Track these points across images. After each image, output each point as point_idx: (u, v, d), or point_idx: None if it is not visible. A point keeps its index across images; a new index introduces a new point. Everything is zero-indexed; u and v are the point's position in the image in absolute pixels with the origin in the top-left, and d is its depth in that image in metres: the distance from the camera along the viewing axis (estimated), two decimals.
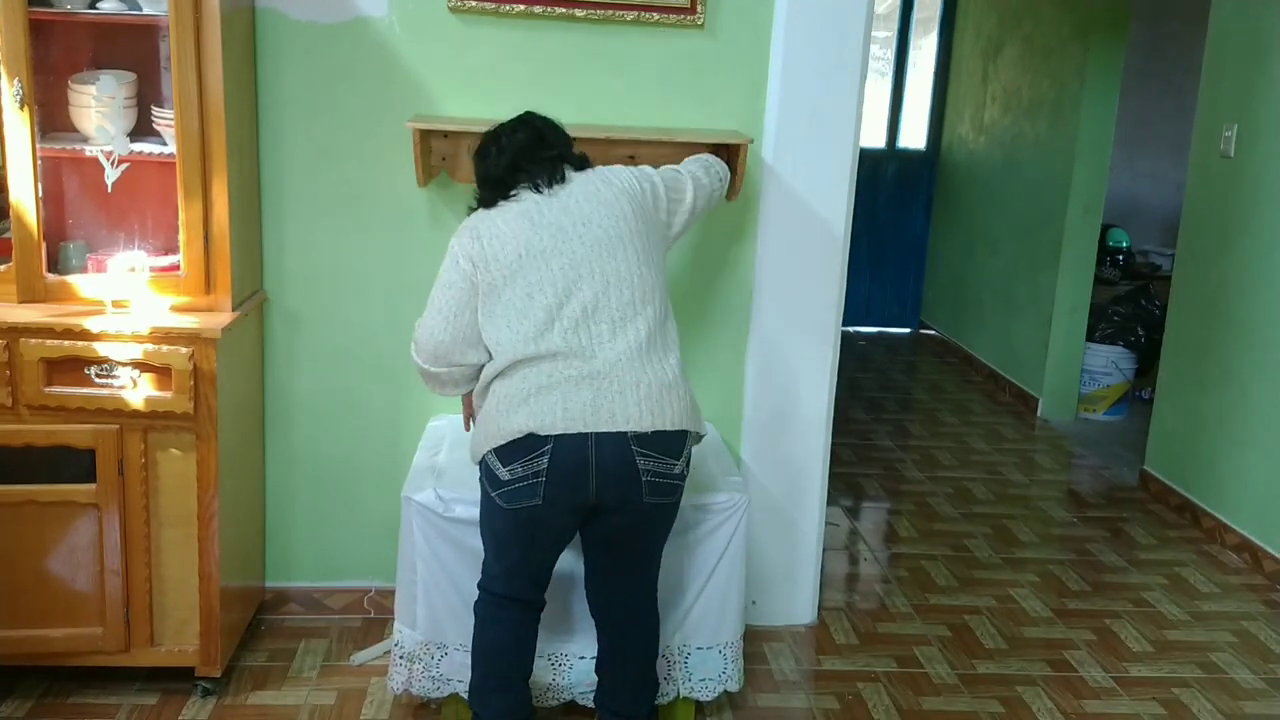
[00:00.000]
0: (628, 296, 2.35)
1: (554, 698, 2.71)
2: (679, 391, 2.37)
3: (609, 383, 2.30)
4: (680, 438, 2.37)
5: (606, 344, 2.32)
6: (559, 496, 2.29)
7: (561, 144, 2.50)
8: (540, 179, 2.41)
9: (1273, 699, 3.14)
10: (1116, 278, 6.36)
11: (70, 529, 2.67)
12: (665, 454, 2.33)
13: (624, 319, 2.34)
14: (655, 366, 2.35)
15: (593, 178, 2.46)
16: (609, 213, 2.39)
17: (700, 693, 2.75)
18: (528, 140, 2.46)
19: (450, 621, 2.64)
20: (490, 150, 2.48)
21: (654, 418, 2.31)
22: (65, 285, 2.71)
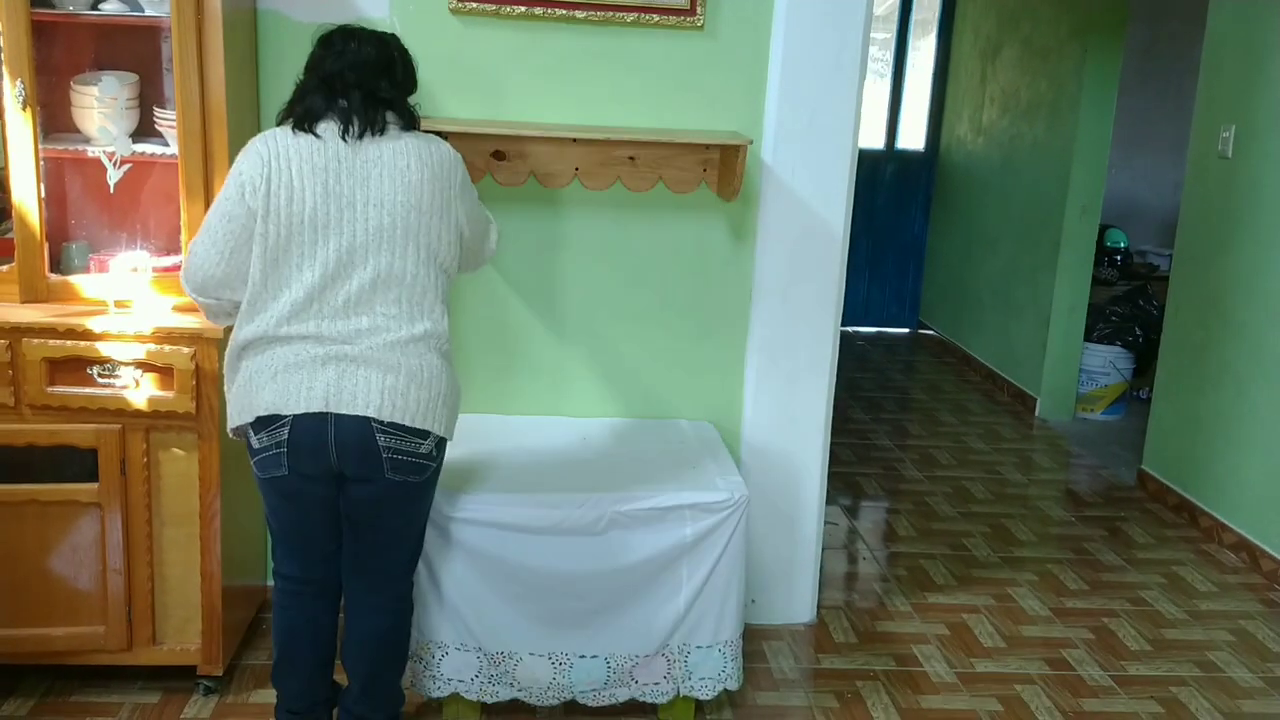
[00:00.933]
0: (395, 294, 2.29)
1: (554, 696, 2.72)
2: (429, 390, 2.30)
3: (357, 366, 2.25)
4: (423, 431, 2.31)
5: (366, 335, 2.27)
6: (302, 466, 2.29)
7: (403, 87, 2.37)
8: (353, 123, 2.27)
9: (1270, 698, 3.15)
10: (1114, 278, 6.38)
11: (72, 528, 2.68)
12: (410, 434, 2.29)
13: (388, 315, 2.29)
14: (411, 360, 2.29)
15: (410, 147, 2.31)
16: (405, 199, 2.27)
17: (700, 691, 2.76)
18: (375, 61, 2.32)
19: (449, 621, 2.65)
20: (335, 41, 2.33)
21: (394, 410, 2.25)
22: (68, 285, 2.72)
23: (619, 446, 3.03)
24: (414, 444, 2.30)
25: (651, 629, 2.70)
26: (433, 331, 2.34)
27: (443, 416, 2.34)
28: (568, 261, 3.17)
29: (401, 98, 2.37)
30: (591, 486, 2.70)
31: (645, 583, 2.68)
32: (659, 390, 3.27)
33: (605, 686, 2.72)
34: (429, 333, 2.33)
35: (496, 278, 3.14)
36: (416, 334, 2.31)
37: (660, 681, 2.73)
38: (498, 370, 3.21)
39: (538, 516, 2.62)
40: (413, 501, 2.42)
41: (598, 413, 3.26)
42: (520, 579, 2.64)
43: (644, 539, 2.65)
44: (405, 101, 2.38)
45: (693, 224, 3.18)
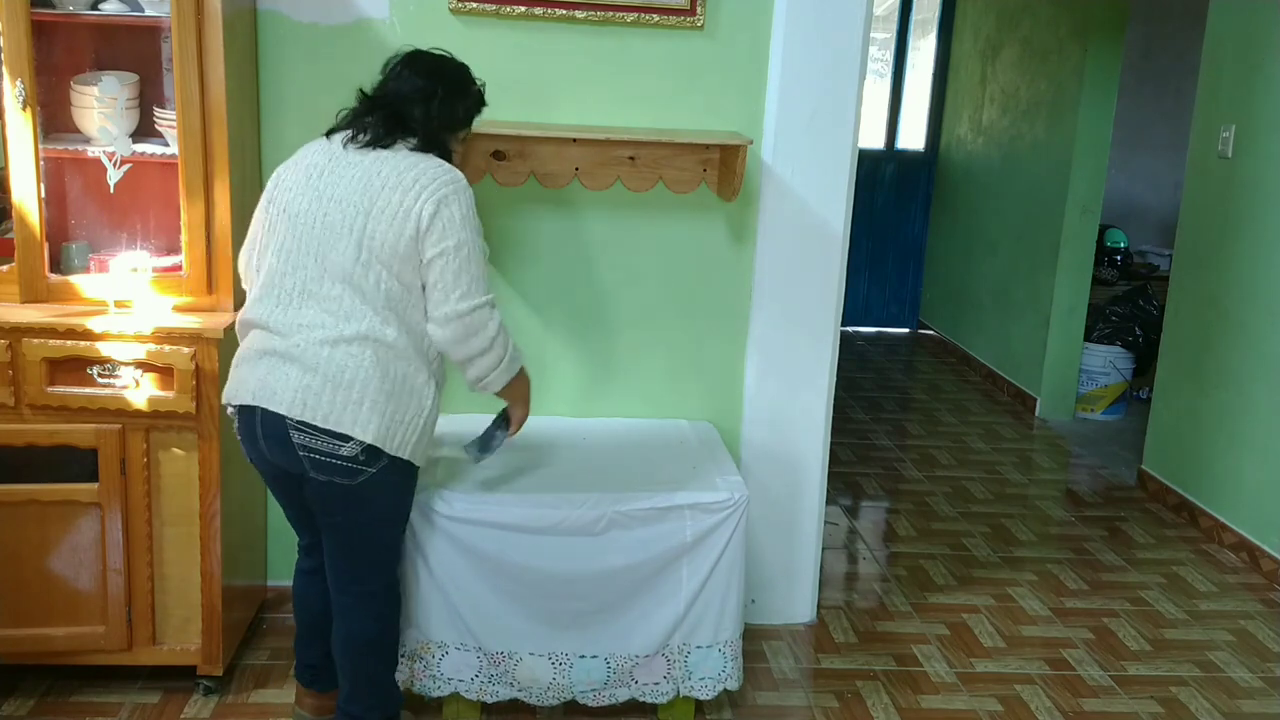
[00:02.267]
0: (337, 291, 2.28)
1: (554, 696, 2.72)
2: (350, 393, 2.26)
3: (285, 363, 2.29)
4: (340, 434, 2.28)
5: (304, 330, 2.29)
6: (252, 454, 2.41)
7: (439, 120, 2.38)
8: (362, 134, 2.35)
9: (1270, 698, 3.15)
10: (1114, 278, 6.39)
11: (73, 528, 2.68)
12: (325, 435, 2.28)
13: (327, 311, 2.29)
14: (335, 361, 2.26)
15: (399, 159, 2.31)
16: (359, 200, 2.27)
17: (700, 691, 2.76)
18: (416, 91, 2.37)
19: (449, 621, 2.65)
20: (393, 66, 2.42)
21: (305, 409, 2.26)
22: (68, 285, 2.72)
23: (619, 446, 3.03)
24: (332, 445, 2.28)
25: (651, 629, 2.70)
26: (369, 335, 2.28)
27: (369, 422, 2.27)
28: (568, 262, 3.17)
29: (433, 129, 2.38)
30: (591, 487, 2.70)
31: (645, 583, 2.68)
32: (659, 390, 3.27)
33: (605, 686, 2.72)
34: (363, 335, 2.27)
35: (496, 277, 3.14)
36: (348, 334, 2.27)
37: (660, 681, 2.73)
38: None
39: (537, 516, 2.62)
40: (355, 505, 2.38)
41: (598, 413, 3.26)
42: (520, 579, 2.64)
43: (644, 539, 2.65)
44: (437, 132, 2.39)
45: (693, 224, 3.18)
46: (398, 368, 2.31)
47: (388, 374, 2.30)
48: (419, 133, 2.36)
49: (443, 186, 2.30)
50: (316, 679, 2.69)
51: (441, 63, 2.45)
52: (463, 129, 2.49)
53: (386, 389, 2.29)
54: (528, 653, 2.68)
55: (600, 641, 2.69)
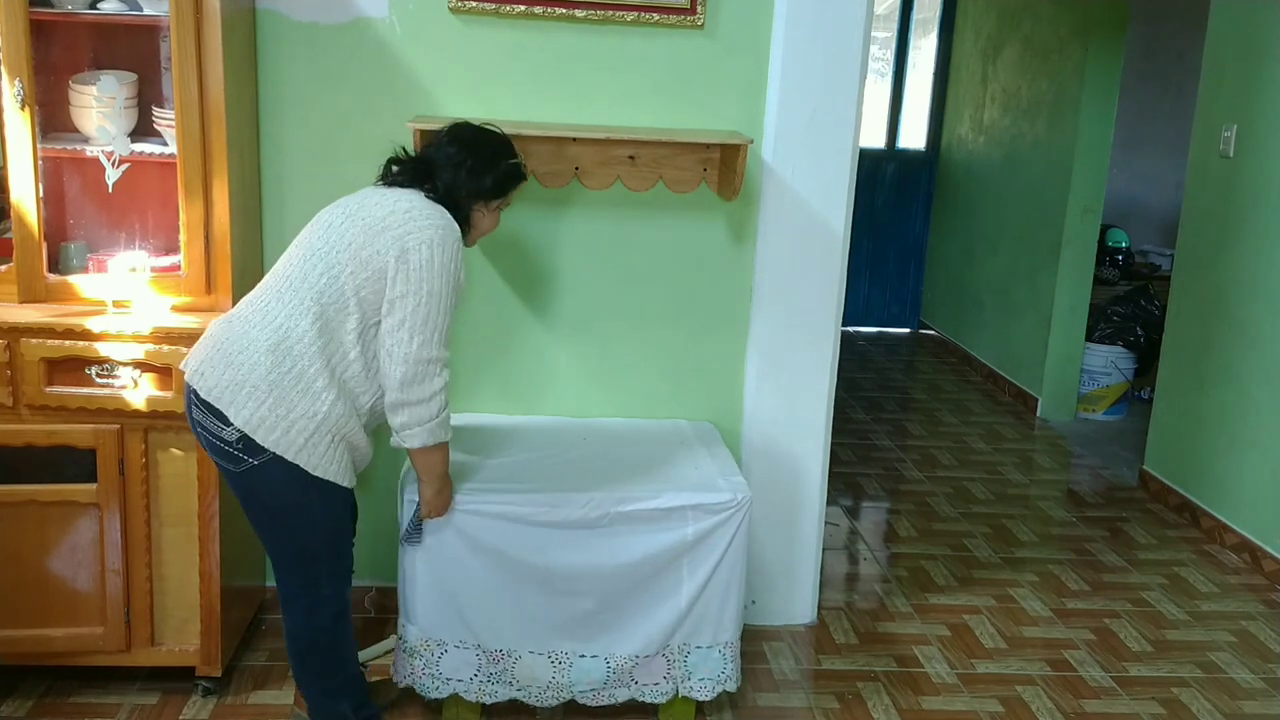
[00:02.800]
0: (285, 271, 2.36)
1: (554, 696, 2.71)
2: (238, 373, 2.27)
3: (212, 331, 2.38)
4: (221, 414, 2.29)
5: (248, 303, 2.38)
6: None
7: (461, 184, 2.46)
8: (385, 180, 2.48)
9: (1272, 699, 3.14)
10: (1116, 278, 6.37)
11: (71, 529, 2.68)
12: (212, 412, 2.30)
13: (270, 288, 2.37)
14: (240, 343, 2.30)
15: (395, 196, 2.41)
16: (354, 215, 2.37)
17: (699, 692, 2.75)
18: (446, 158, 2.47)
19: (448, 619, 2.65)
20: (440, 134, 2.53)
21: (201, 378, 2.30)
22: (66, 285, 2.71)
23: (620, 447, 3.02)
24: (215, 425, 2.30)
25: (651, 629, 2.69)
26: (281, 321, 2.30)
27: (244, 406, 2.26)
28: (567, 261, 3.17)
29: (459, 195, 2.45)
30: (593, 486, 2.69)
31: (646, 582, 2.67)
32: (659, 390, 3.27)
33: (605, 686, 2.71)
34: (275, 319, 2.30)
35: (497, 277, 3.13)
36: (265, 318, 2.31)
37: (660, 682, 2.72)
38: (498, 371, 3.21)
39: (539, 514, 2.62)
40: (245, 496, 2.40)
41: (598, 413, 3.26)
42: (521, 576, 2.64)
43: (645, 539, 2.65)
44: (461, 199, 2.46)
45: (693, 224, 3.17)
46: (297, 363, 2.29)
47: (280, 364, 2.28)
48: (440, 190, 2.44)
49: (434, 229, 2.34)
50: None
51: (480, 135, 2.52)
52: (493, 199, 2.52)
53: (273, 378, 2.27)
54: (527, 651, 2.68)
55: (600, 641, 2.69)
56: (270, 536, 2.47)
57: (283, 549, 2.48)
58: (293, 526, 2.44)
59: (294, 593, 2.49)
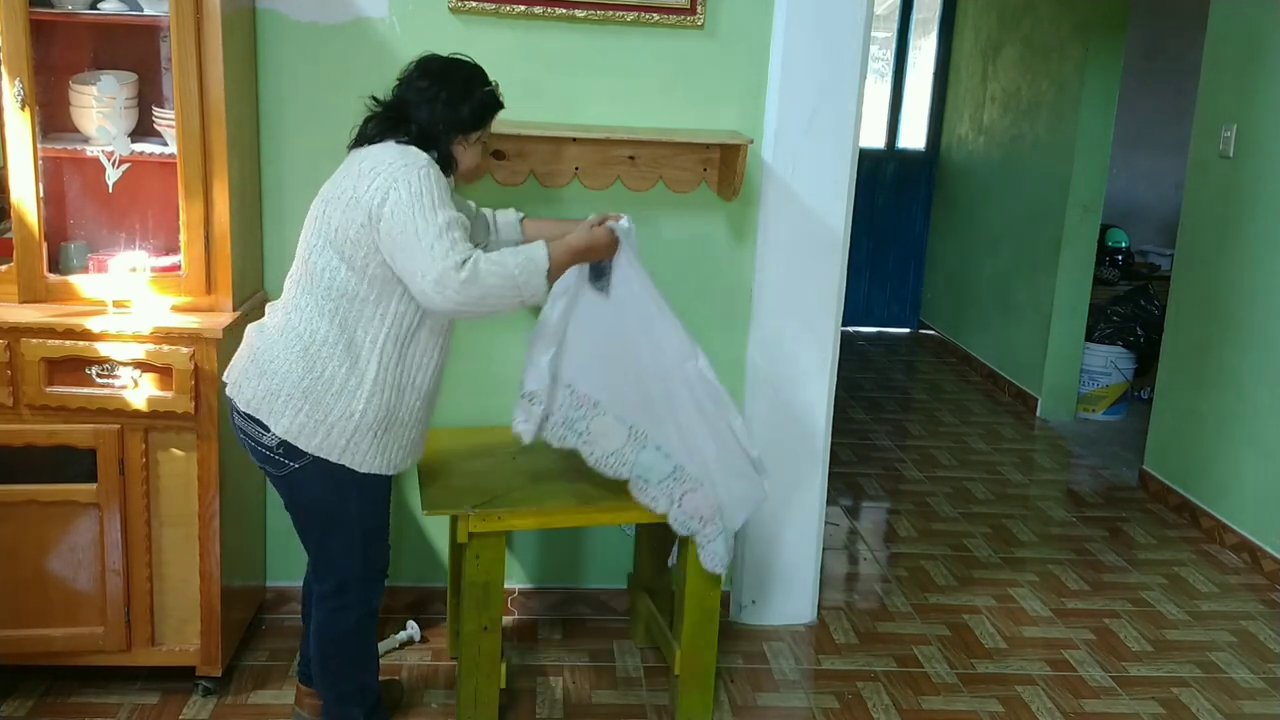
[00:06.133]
0: (297, 275, 2.37)
1: (613, 466, 2.65)
2: (270, 381, 2.29)
3: (248, 341, 2.41)
4: (261, 421, 2.31)
5: (277, 310, 2.39)
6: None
7: (438, 121, 2.36)
8: (359, 142, 2.40)
9: (1272, 698, 3.14)
10: (1116, 278, 6.37)
11: (71, 529, 2.68)
12: (251, 420, 2.34)
13: (288, 294, 2.38)
14: (266, 347, 2.33)
15: (370, 150, 2.33)
16: (333, 201, 2.31)
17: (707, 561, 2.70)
18: (417, 95, 2.37)
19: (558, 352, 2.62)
20: (409, 71, 2.42)
21: (238, 390, 2.36)
22: (66, 285, 2.71)
23: None
24: (256, 431, 2.33)
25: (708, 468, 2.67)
26: (304, 325, 2.30)
27: (282, 414, 2.28)
28: None
29: (436, 130, 2.36)
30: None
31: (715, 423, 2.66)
32: None
33: (658, 485, 2.65)
34: (298, 324, 2.31)
35: None
36: (288, 322, 2.32)
37: (700, 520, 2.66)
38: (497, 372, 3.20)
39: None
40: (288, 498, 2.45)
41: None
42: (629, 348, 2.62)
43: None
44: (439, 135, 2.36)
45: (693, 224, 3.17)
46: (327, 366, 2.29)
47: (311, 369, 2.28)
48: (414, 131, 2.34)
49: (396, 172, 2.25)
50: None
51: (450, 65, 2.42)
52: (472, 131, 2.43)
53: (305, 385, 2.28)
54: (614, 415, 2.65)
55: (675, 447, 2.65)
56: (307, 536, 2.50)
57: (317, 549, 2.49)
58: (326, 529, 2.45)
59: (325, 592, 2.51)
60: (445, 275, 2.21)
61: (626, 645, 3.24)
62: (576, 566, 3.39)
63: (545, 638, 3.26)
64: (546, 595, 3.38)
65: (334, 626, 2.50)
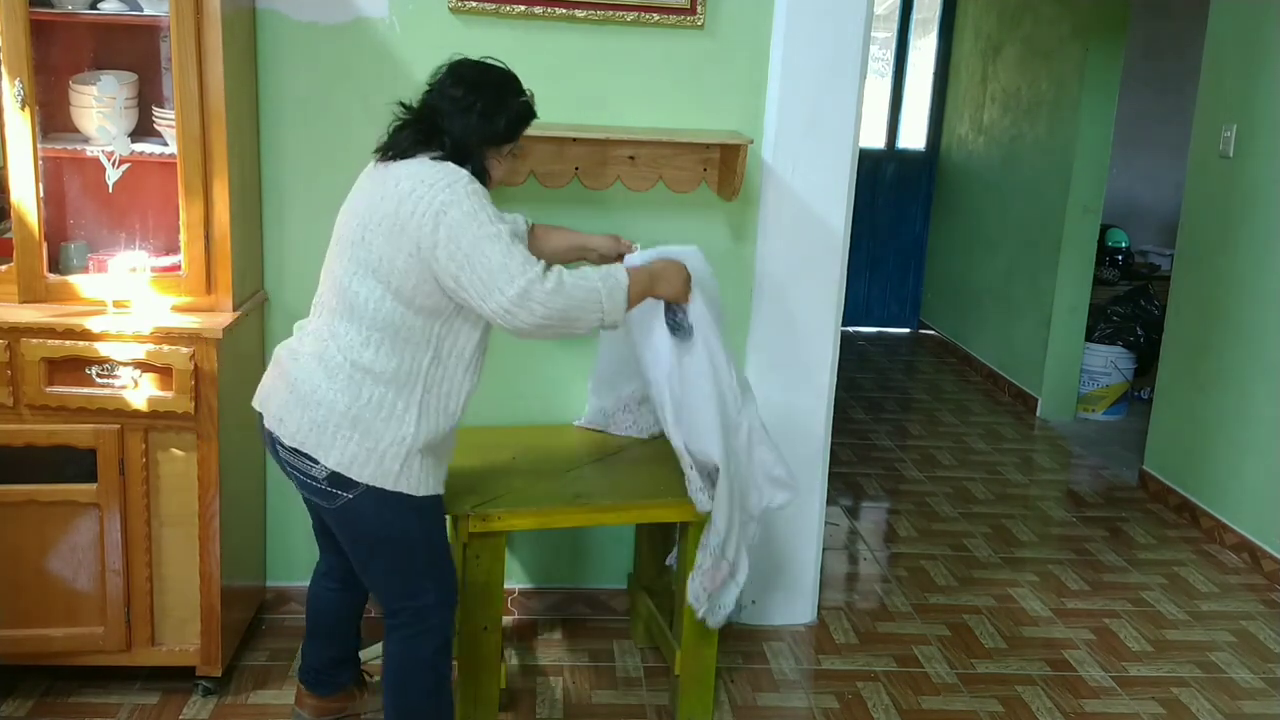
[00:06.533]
0: (334, 303, 2.25)
1: (638, 426, 2.97)
2: (316, 413, 2.20)
3: (276, 368, 2.32)
4: (308, 455, 2.23)
5: (308, 337, 2.30)
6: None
7: (476, 132, 2.27)
8: (390, 149, 2.28)
9: (1272, 698, 3.14)
10: (1116, 278, 6.37)
11: (71, 529, 2.68)
12: (298, 453, 2.24)
13: (321, 321, 2.28)
14: (307, 377, 2.23)
15: (408, 168, 2.21)
16: (364, 212, 2.22)
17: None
18: (452, 104, 2.26)
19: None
20: (441, 75, 2.31)
21: (280, 423, 2.25)
22: (66, 285, 2.71)
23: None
24: (305, 464, 2.23)
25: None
26: (347, 354, 2.20)
27: (331, 446, 2.19)
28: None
29: (470, 143, 2.26)
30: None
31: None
32: None
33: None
34: (340, 354, 2.21)
35: None
36: (327, 351, 2.22)
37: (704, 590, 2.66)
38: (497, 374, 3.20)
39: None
40: (342, 527, 2.32)
41: None
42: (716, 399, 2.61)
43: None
44: (473, 147, 2.27)
45: (693, 224, 3.17)
46: (373, 392, 2.20)
47: (359, 398, 2.20)
48: (448, 145, 2.25)
49: (438, 194, 2.15)
50: (320, 682, 2.68)
51: (485, 72, 2.32)
52: (505, 144, 2.34)
53: (353, 415, 2.19)
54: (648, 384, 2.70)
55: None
56: (370, 567, 2.36)
57: (388, 579, 2.36)
58: (397, 554, 2.33)
59: (399, 621, 2.37)
60: (530, 288, 2.14)
61: (626, 645, 3.24)
62: (576, 566, 3.39)
63: (545, 638, 3.26)
64: (546, 595, 3.38)
65: (412, 655, 2.37)
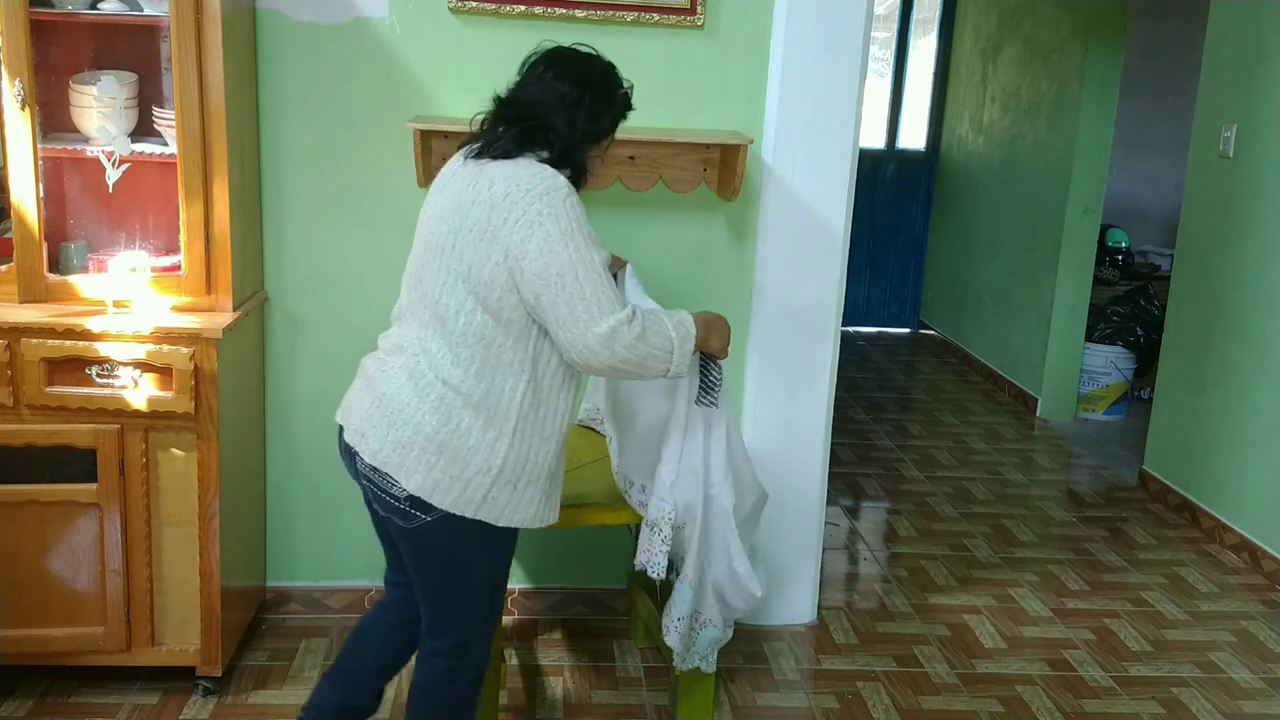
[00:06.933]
0: (425, 316, 2.12)
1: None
2: (401, 431, 2.08)
3: (365, 382, 2.20)
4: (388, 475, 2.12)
5: (393, 352, 2.17)
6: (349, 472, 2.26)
7: (583, 127, 2.14)
8: (488, 150, 2.12)
9: (1271, 698, 3.14)
10: (1115, 278, 6.38)
11: (71, 529, 2.68)
12: (378, 471, 2.12)
13: (409, 335, 2.14)
14: (395, 393, 2.11)
15: (503, 170, 2.07)
16: (453, 218, 2.09)
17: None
18: (561, 97, 2.11)
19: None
20: (535, 66, 2.16)
21: (362, 439, 2.13)
22: (66, 285, 2.71)
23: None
24: (385, 482, 2.12)
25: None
26: (438, 373, 2.07)
27: (414, 470, 2.07)
28: None
29: (574, 140, 2.14)
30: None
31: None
32: None
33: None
34: (431, 372, 2.08)
35: None
36: (418, 368, 2.09)
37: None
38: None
39: None
40: (413, 550, 2.20)
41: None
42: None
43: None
44: (577, 145, 2.15)
45: (693, 224, 3.17)
46: (462, 417, 2.06)
47: (447, 422, 2.06)
48: (556, 145, 2.11)
49: (534, 202, 2.00)
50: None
51: (589, 63, 2.18)
52: (607, 139, 2.22)
53: (439, 440, 2.06)
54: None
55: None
56: (429, 590, 2.25)
57: (440, 603, 2.25)
58: (455, 584, 2.22)
59: (441, 649, 2.27)
60: (619, 329, 2.02)
61: (626, 645, 3.24)
62: (576, 566, 3.39)
63: (545, 638, 3.26)
64: (546, 595, 3.39)
65: (445, 686, 2.28)
